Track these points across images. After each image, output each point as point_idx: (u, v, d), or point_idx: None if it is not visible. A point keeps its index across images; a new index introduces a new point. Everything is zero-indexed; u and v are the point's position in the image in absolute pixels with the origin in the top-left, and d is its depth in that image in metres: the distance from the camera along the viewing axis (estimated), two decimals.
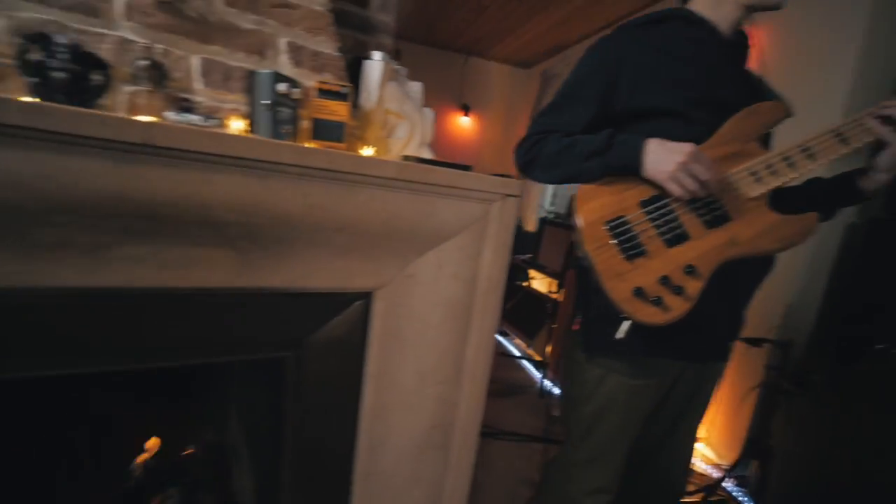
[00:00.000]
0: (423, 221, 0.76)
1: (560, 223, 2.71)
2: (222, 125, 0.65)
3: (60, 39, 0.56)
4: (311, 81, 0.78)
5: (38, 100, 0.53)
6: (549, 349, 2.54)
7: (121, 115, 0.57)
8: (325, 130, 0.71)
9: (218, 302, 0.71)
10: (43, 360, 0.63)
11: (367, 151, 0.79)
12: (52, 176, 0.50)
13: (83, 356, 0.65)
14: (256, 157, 0.58)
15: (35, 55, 0.55)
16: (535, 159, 0.76)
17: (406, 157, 0.79)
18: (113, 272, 0.60)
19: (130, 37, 0.65)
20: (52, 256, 0.57)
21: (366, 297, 0.80)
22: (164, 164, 0.55)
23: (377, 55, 0.86)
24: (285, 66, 0.77)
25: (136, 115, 0.60)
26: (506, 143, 3.95)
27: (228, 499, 1.17)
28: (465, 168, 0.80)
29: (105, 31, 0.63)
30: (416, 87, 0.97)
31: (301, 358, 0.81)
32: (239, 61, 0.73)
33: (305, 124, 0.74)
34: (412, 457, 0.92)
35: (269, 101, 0.66)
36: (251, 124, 0.69)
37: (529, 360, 2.72)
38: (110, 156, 0.52)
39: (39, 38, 0.55)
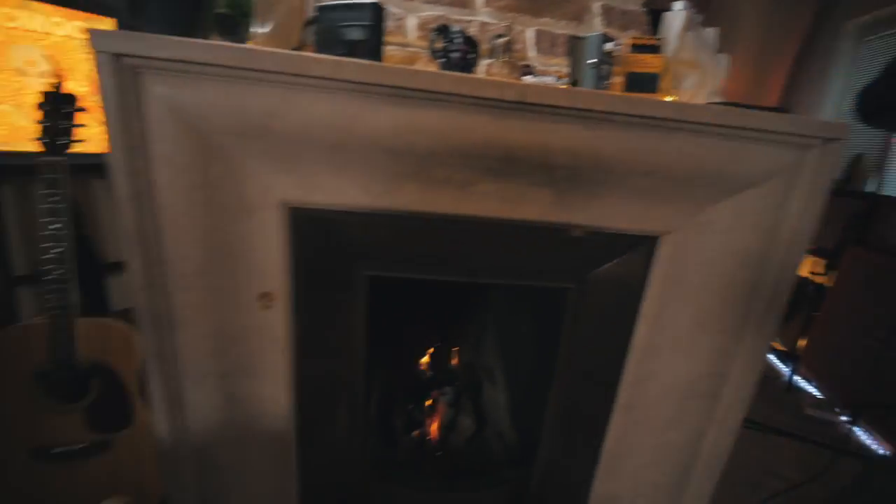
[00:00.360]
0: (727, 168, 0.76)
1: (832, 190, 2.18)
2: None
3: (455, 28, 0.76)
4: (619, 38, 0.85)
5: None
6: (802, 342, 2.15)
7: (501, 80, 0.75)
8: (640, 83, 0.78)
9: (528, 233, 0.87)
10: (421, 268, 0.90)
11: (668, 100, 0.83)
12: (453, 126, 0.70)
13: (445, 267, 0.90)
14: (596, 108, 0.68)
15: (440, 43, 0.76)
16: (893, 105, 0.67)
17: (711, 104, 0.79)
18: (471, 203, 0.80)
19: (487, 20, 0.83)
20: (438, 189, 0.80)
21: (653, 240, 0.85)
22: (524, 117, 0.70)
23: (678, 5, 0.87)
24: (598, 27, 0.86)
25: None
26: (757, 84, 3.24)
27: (478, 409, 1.42)
28: (781, 111, 0.76)
29: (471, 17, 0.83)
30: (710, 34, 0.94)
31: (583, 291, 0.92)
32: (562, 29, 0.85)
33: (616, 79, 0.82)
34: (675, 400, 0.95)
35: (595, 60, 0.76)
36: (573, 82, 0.81)
37: (772, 349, 2.36)
38: (491, 111, 0.70)
39: (442, 30, 0.76)
